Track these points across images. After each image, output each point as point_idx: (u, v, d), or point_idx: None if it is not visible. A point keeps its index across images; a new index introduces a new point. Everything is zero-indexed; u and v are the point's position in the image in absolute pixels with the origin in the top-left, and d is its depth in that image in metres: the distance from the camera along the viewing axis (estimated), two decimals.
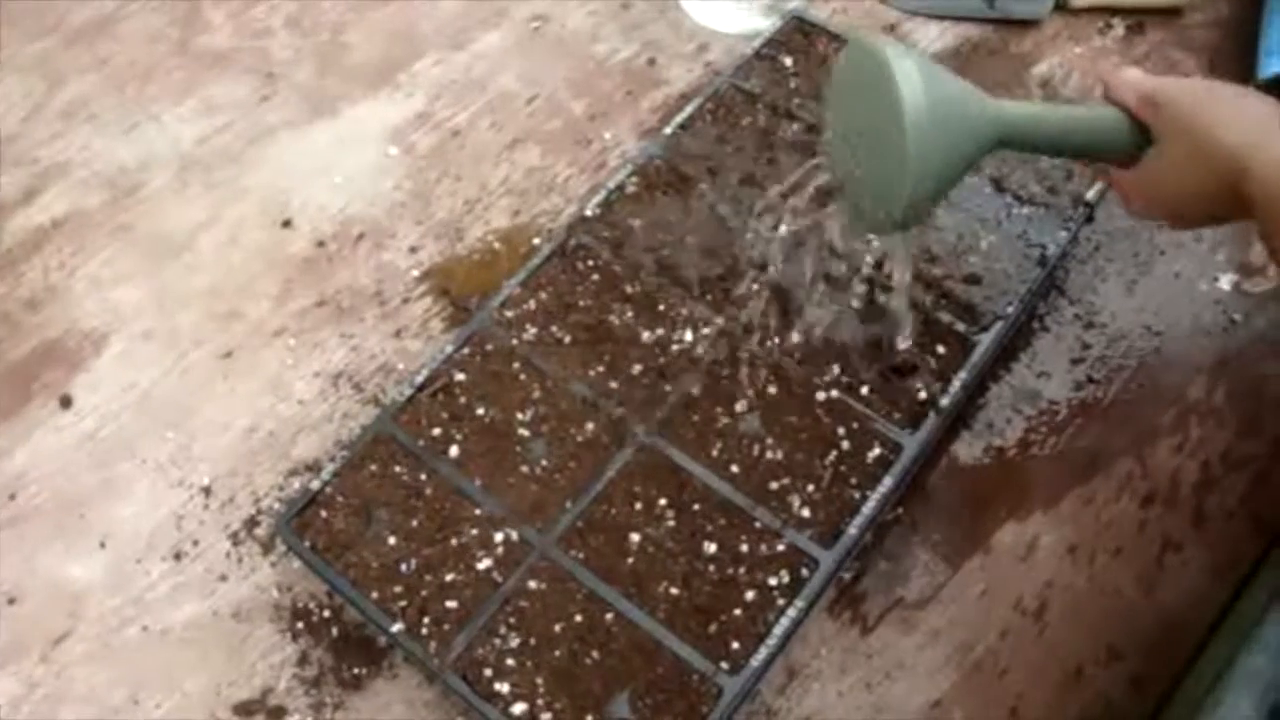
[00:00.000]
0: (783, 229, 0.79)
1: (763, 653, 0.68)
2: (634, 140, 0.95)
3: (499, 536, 0.73)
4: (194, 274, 0.90)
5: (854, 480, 0.74)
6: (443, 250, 0.90)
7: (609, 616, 0.70)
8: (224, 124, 0.98)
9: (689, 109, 0.90)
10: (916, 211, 0.63)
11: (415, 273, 0.89)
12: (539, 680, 0.68)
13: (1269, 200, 0.58)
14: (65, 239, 0.93)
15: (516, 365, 0.79)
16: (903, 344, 0.77)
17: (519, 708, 0.67)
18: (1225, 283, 0.87)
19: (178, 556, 0.78)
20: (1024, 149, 0.68)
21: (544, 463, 0.75)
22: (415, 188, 0.94)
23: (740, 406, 0.76)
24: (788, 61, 0.93)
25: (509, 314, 0.81)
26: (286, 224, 0.92)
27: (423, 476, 0.75)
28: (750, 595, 0.70)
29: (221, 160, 0.96)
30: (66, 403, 0.84)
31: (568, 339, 0.80)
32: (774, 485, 0.74)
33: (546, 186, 0.93)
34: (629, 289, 0.81)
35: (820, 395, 0.77)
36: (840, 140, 0.67)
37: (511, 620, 0.70)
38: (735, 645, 0.69)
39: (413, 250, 0.90)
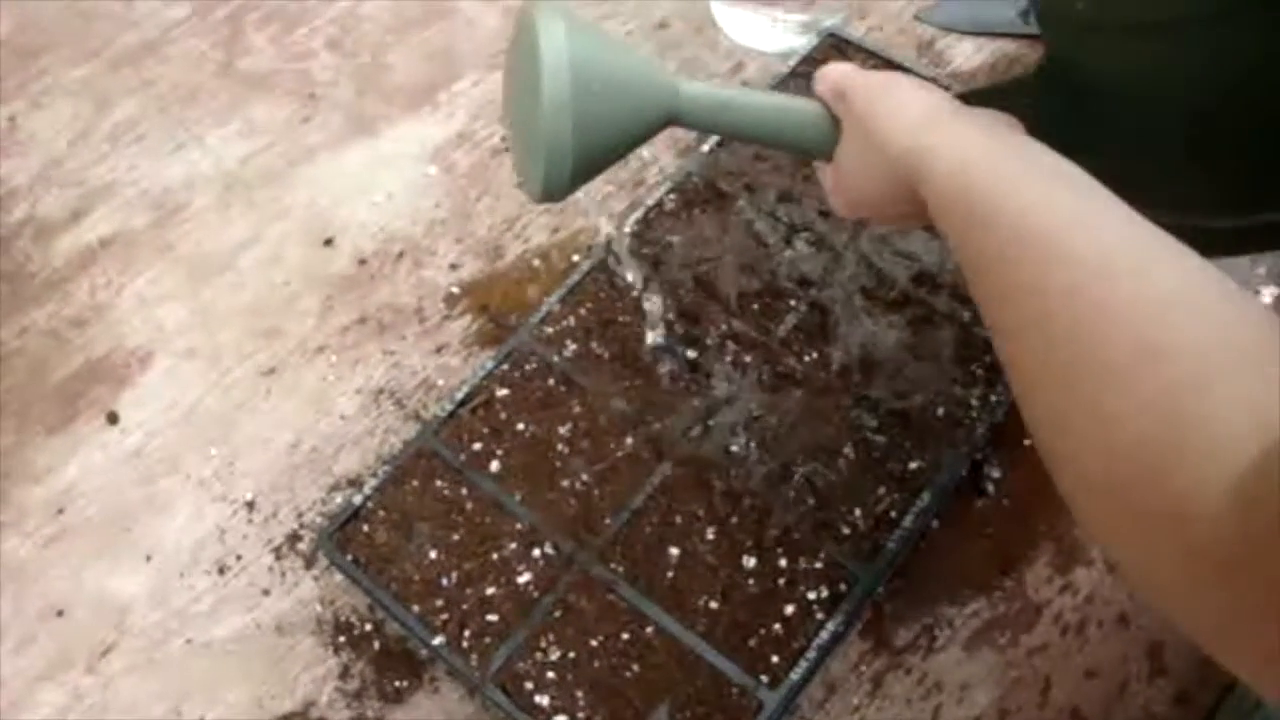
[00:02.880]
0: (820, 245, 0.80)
1: (802, 667, 0.69)
2: (671, 158, 0.96)
3: (539, 551, 0.73)
4: (237, 292, 0.92)
5: (894, 495, 0.74)
6: (482, 268, 0.91)
7: (649, 630, 0.70)
8: (266, 144, 1.00)
9: None
10: (559, 186, 0.58)
11: (455, 290, 0.90)
12: (579, 693, 0.68)
13: (941, 215, 0.52)
14: (111, 258, 0.94)
15: (556, 381, 0.79)
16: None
17: None
18: (1267, 296, 0.87)
19: (221, 570, 0.79)
20: (710, 132, 0.64)
21: (584, 477, 0.75)
22: (455, 206, 0.95)
23: (775, 420, 0.77)
24: None
25: (549, 330, 0.82)
26: (328, 242, 0.93)
27: (464, 491, 0.75)
28: (790, 610, 0.71)
29: (264, 180, 0.98)
30: (113, 419, 0.86)
31: (607, 355, 0.80)
32: (812, 500, 0.74)
33: (585, 204, 0.93)
34: (667, 305, 0.82)
35: (854, 413, 0.77)
36: (507, 105, 0.63)
37: (551, 634, 0.70)
38: (775, 659, 0.69)
39: (453, 268, 0.91)
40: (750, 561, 0.72)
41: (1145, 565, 0.39)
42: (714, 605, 0.71)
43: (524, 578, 0.72)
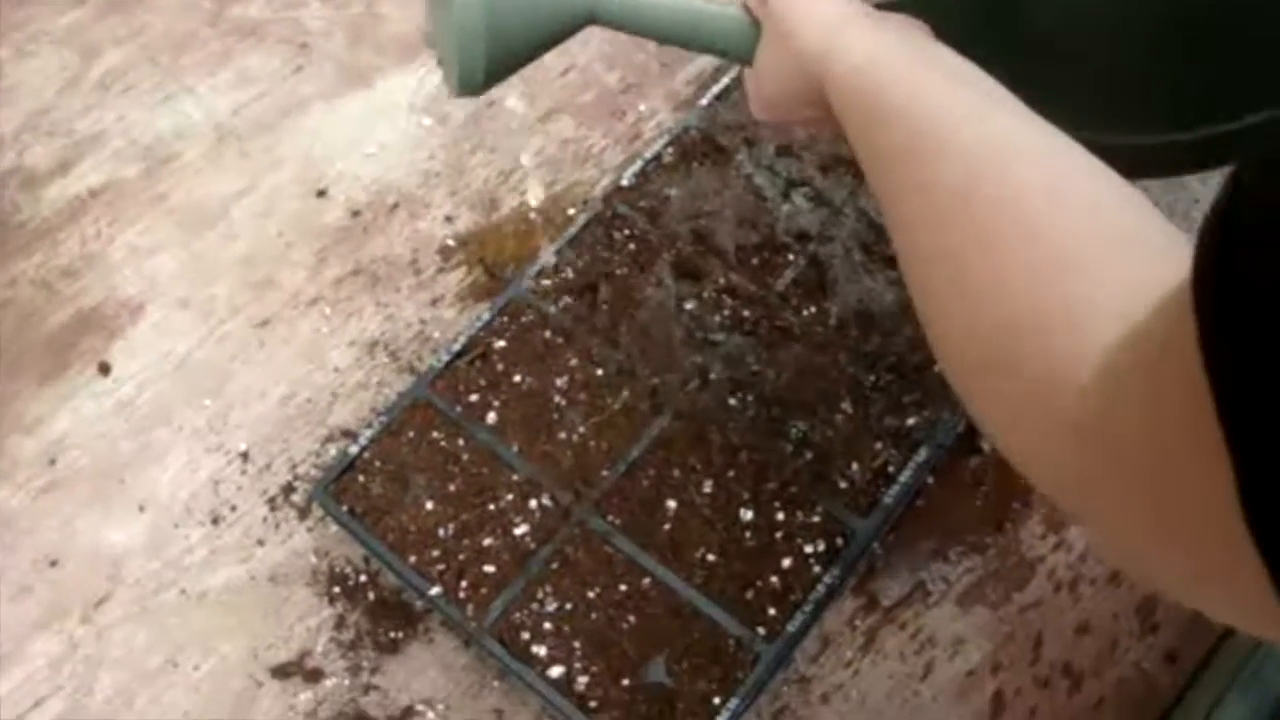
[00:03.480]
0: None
1: (799, 619, 0.69)
2: (669, 112, 0.95)
3: (535, 502, 0.73)
4: (229, 243, 0.91)
5: (891, 451, 0.74)
6: (478, 220, 0.90)
7: (645, 582, 0.70)
8: (258, 94, 0.98)
9: (725, 80, 0.90)
10: (473, 81, 0.59)
11: (450, 242, 0.89)
12: (576, 644, 0.69)
13: (844, 112, 0.52)
14: (102, 209, 0.93)
15: (553, 333, 0.79)
16: None
17: (556, 671, 0.68)
18: None
19: (215, 521, 0.79)
20: (627, 31, 0.63)
21: (581, 429, 0.75)
22: (449, 158, 0.94)
23: (773, 374, 0.77)
24: None
25: (545, 283, 0.81)
26: (321, 194, 0.92)
27: (460, 442, 0.75)
28: (786, 563, 0.71)
29: (256, 131, 0.96)
30: (105, 370, 0.85)
31: (605, 307, 0.80)
32: (809, 455, 0.74)
33: (581, 157, 0.93)
34: (665, 258, 0.81)
35: (853, 368, 0.77)
36: (429, 11, 0.64)
37: (548, 585, 0.70)
38: (771, 612, 0.69)
39: (448, 220, 0.90)
40: (747, 515, 0.72)
41: (1013, 437, 0.40)
42: (711, 558, 0.71)
43: (521, 529, 0.72)
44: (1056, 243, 0.39)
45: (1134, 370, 0.32)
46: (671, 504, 0.72)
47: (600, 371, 0.77)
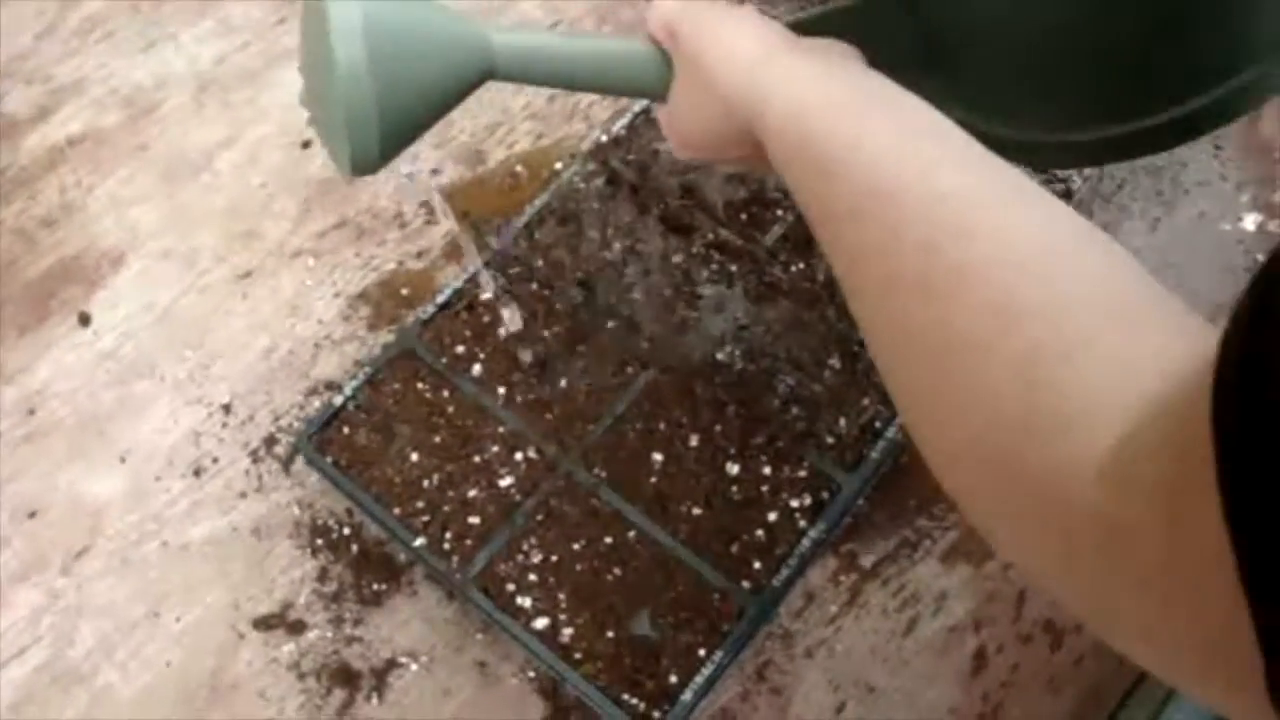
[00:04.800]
0: None
1: (784, 573, 0.69)
2: None
3: (521, 455, 0.73)
4: (212, 194, 0.90)
5: (878, 406, 0.74)
6: (464, 173, 0.89)
7: (631, 534, 0.70)
8: (241, 44, 0.97)
9: None
10: (367, 159, 0.53)
11: (437, 195, 0.88)
12: (561, 596, 0.68)
13: (783, 165, 0.48)
14: (81, 158, 0.92)
15: (539, 286, 0.78)
16: None
17: (540, 622, 0.68)
18: (1250, 223, 0.87)
19: (197, 473, 0.78)
20: (531, 83, 0.59)
21: (566, 381, 0.75)
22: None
23: (761, 329, 0.76)
24: None
25: (534, 236, 0.80)
26: (306, 145, 0.91)
27: (445, 394, 0.75)
28: (772, 517, 0.71)
29: (239, 81, 0.95)
30: (85, 320, 0.84)
31: (591, 260, 0.79)
32: (796, 409, 0.74)
33: (569, 112, 0.92)
34: (655, 213, 0.81)
35: (841, 324, 0.76)
36: (306, 82, 0.57)
37: (534, 537, 0.70)
38: (756, 565, 0.69)
39: (434, 173, 0.89)
40: (734, 468, 0.72)
41: (1017, 544, 0.37)
42: (697, 511, 0.71)
43: (506, 481, 0.72)
44: (1047, 327, 0.35)
45: (1144, 474, 0.30)
46: (658, 457, 0.72)
47: (588, 324, 0.77)
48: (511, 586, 0.69)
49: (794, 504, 0.71)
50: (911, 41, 0.53)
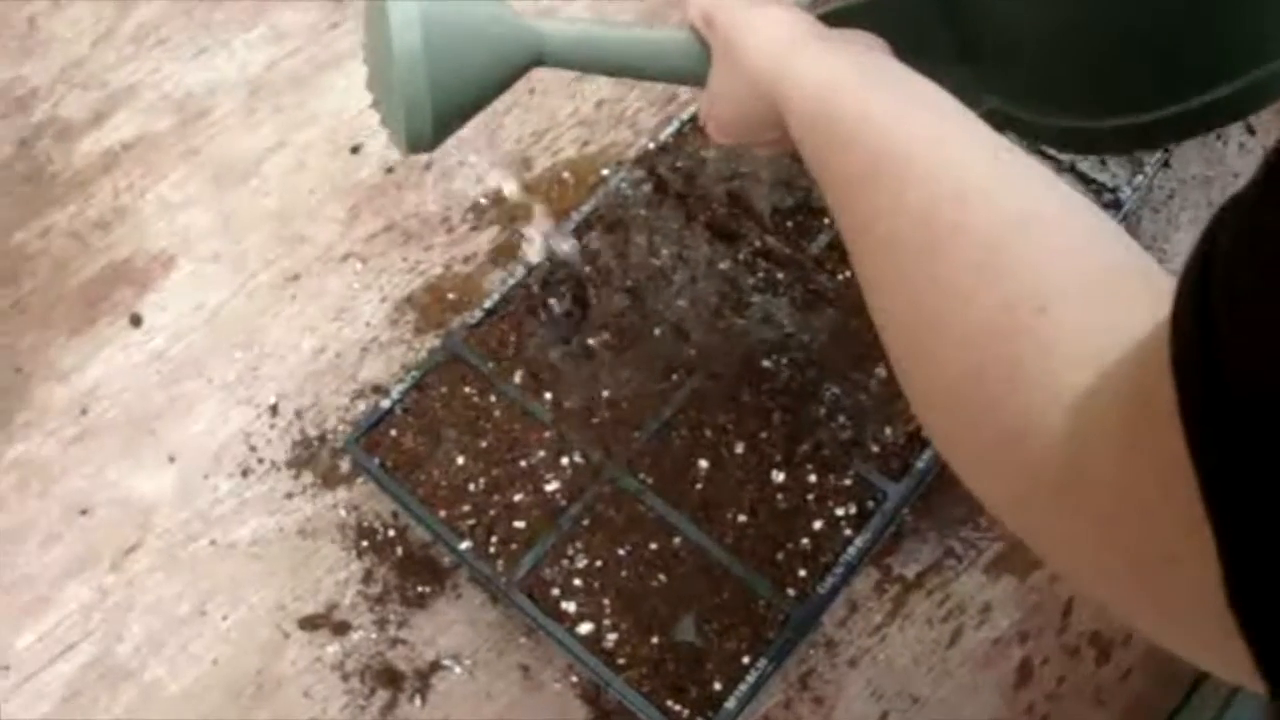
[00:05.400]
0: None
1: (829, 582, 0.69)
2: None
3: (567, 460, 0.73)
4: (262, 198, 0.91)
5: None
6: (510, 180, 0.90)
7: (676, 541, 0.70)
8: (292, 50, 0.98)
9: None
10: (422, 138, 0.59)
11: (483, 200, 0.89)
12: (605, 601, 0.68)
13: (801, 139, 0.51)
14: (134, 162, 0.93)
15: (586, 291, 0.79)
16: None
17: (585, 627, 0.68)
18: None
19: (245, 473, 0.79)
20: (578, 69, 0.63)
21: (613, 388, 0.75)
22: (483, 118, 0.90)
23: (807, 337, 0.76)
24: None
25: (580, 242, 0.81)
26: (355, 150, 0.92)
27: (491, 398, 0.75)
28: (818, 525, 0.70)
29: (290, 86, 0.96)
30: (136, 321, 0.85)
31: (638, 267, 0.79)
32: (842, 418, 0.74)
33: (616, 119, 0.92)
34: (701, 220, 0.81)
35: None
36: (369, 67, 0.62)
37: (579, 542, 0.70)
38: (802, 574, 0.69)
39: (480, 179, 0.90)
40: (779, 476, 0.72)
41: (984, 484, 0.39)
42: (742, 518, 0.71)
43: (552, 486, 0.72)
44: (1026, 281, 0.37)
45: (1106, 418, 0.31)
46: (703, 464, 0.72)
47: (634, 330, 0.77)
48: (556, 591, 0.69)
49: (839, 512, 0.71)
50: (941, 34, 0.56)
